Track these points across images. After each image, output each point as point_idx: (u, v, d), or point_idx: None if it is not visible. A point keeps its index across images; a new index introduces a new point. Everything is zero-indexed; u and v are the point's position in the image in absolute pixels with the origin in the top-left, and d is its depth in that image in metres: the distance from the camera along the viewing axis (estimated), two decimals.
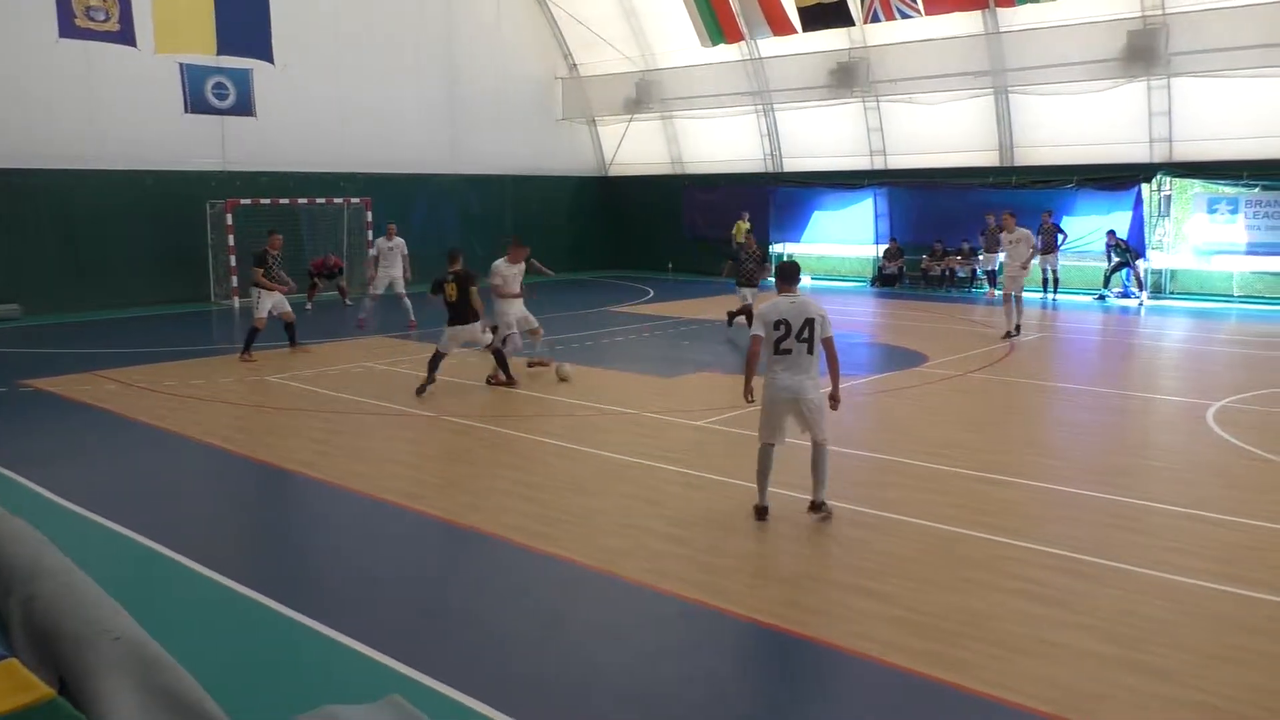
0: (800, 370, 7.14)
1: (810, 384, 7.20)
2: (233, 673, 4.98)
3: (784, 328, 7.09)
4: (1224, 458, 9.12)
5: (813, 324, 7.12)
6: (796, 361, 7.12)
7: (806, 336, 7.10)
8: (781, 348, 7.12)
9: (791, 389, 7.14)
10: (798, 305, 7.17)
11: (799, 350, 7.11)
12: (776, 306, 7.17)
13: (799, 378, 7.14)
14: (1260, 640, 5.27)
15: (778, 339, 7.11)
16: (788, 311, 7.12)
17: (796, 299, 7.24)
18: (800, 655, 5.22)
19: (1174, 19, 20.03)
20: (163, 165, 21.41)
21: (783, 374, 7.15)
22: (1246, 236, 20.57)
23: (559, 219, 29.27)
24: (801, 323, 7.09)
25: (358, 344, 16.24)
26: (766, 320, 7.15)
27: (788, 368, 7.13)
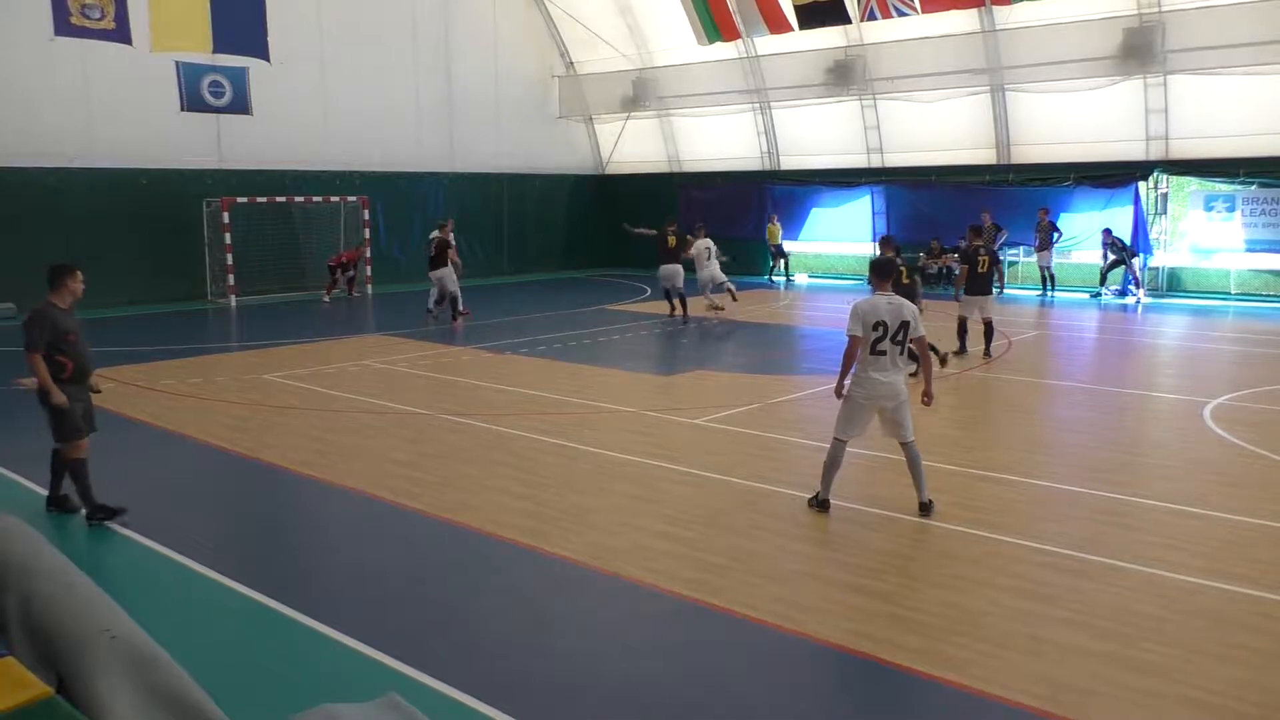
0: (895, 372, 7.32)
1: (902, 384, 7.39)
2: (230, 671, 4.99)
3: (882, 329, 7.24)
4: (1220, 455, 9.15)
5: (907, 326, 7.28)
6: (891, 362, 7.30)
7: (901, 338, 7.27)
8: (878, 348, 7.26)
9: (889, 388, 7.30)
10: (894, 307, 7.31)
11: (893, 352, 7.27)
12: (876, 308, 7.29)
13: (894, 378, 7.31)
14: (1252, 637, 5.29)
15: (875, 340, 7.25)
16: (886, 313, 7.26)
17: (893, 300, 7.37)
18: (796, 653, 5.24)
19: (1170, 16, 20.05)
20: (158, 164, 21.39)
21: (877, 374, 7.30)
22: (1243, 234, 20.60)
23: (556, 217, 29.30)
24: (898, 325, 7.25)
25: (358, 343, 16.24)
26: (866, 321, 7.26)
27: (882, 369, 7.29)
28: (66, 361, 7.18)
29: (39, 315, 7.17)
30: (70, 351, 7.22)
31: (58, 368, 7.14)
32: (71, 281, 7.36)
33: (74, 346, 7.24)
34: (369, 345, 15.86)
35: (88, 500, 7.30)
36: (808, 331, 18.41)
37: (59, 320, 7.19)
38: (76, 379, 7.27)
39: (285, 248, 22.98)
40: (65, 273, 7.36)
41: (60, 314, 7.24)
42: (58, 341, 7.15)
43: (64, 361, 7.18)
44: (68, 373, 7.18)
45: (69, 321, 7.28)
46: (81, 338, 7.37)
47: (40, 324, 7.13)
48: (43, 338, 7.11)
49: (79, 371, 7.28)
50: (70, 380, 7.20)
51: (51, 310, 7.22)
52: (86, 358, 7.39)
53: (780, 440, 9.75)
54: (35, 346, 7.11)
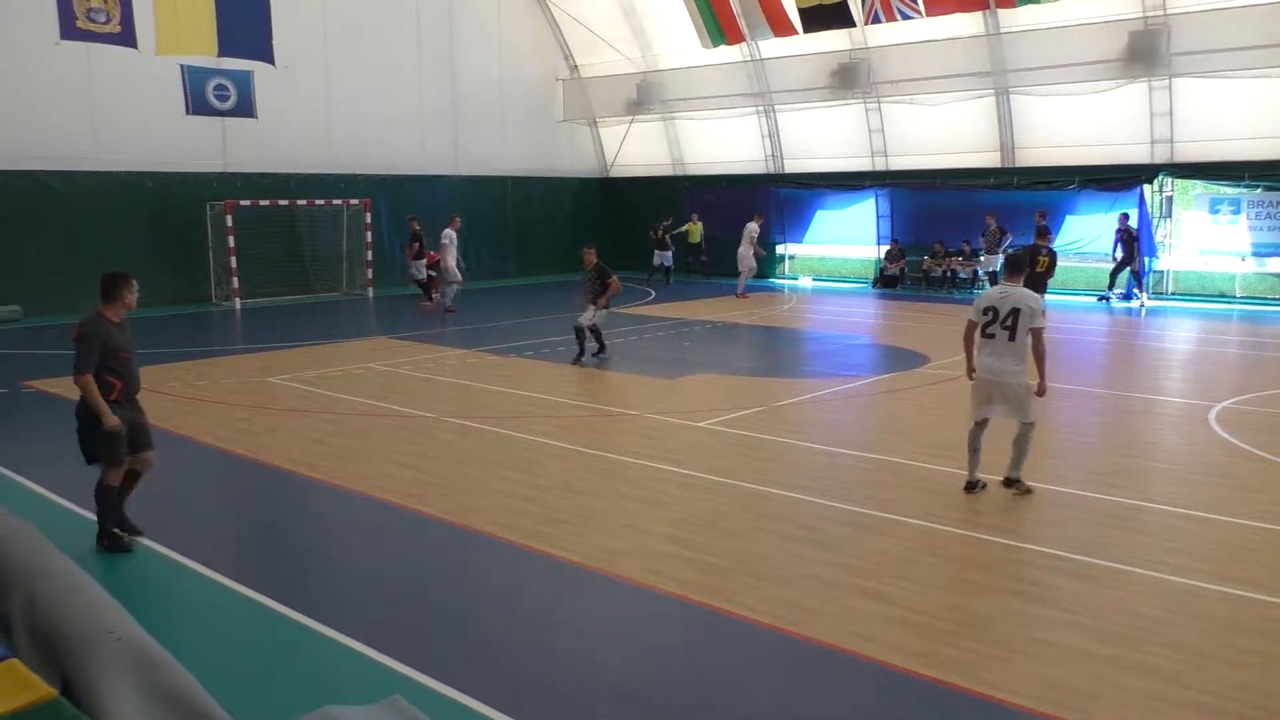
0: (1001, 355, 7.64)
1: (1010, 370, 7.65)
2: (234, 673, 5.00)
3: (991, 314, 7.68)
4: (1225, 458, 9.13)
5: (1018, 314, 7.56)
6: (998, 347, 7.65)
7: (1010, 325, 7.57)
8: (986, 332, 7.72)
9: (993, 371, 7.69)
10: (1009, 296, 7.67)
11: (1001, 337, 7.61)
12: (990, 294, 7.87)
13: (1000, 362, 7.66)
14: (1257, 640, 5.28)
15: (984, 324, 7.72)
16: (996, 300, 7.70)
17: (1009, 291, 7.73)
18: (798, 656, 5.24)
19: (1175, 19, 20.03)
20: (163, 167, 21.43)
21: (986, 357, 7.75)
22: (1248, 237, 20.56)
23: (560, 220, 29.30)
24: (1007, 311, 7.60)
25: (362, 346, 16.26)
26: (978, 306, 7.82)
27: (990, 352, 7.71)
28: (116, 381, 6.63)
29: (91, 331, 6.54)
30: (121, 370, 6.67)
31: (106, 387, 6.59)
32: (127, 292, 6.77)
33: (125, 364, 6.70)
34: (372, 348, 15.87)
35: (104, 523, 6.87)
36: (812, 335, 18.40)
37: (111, 336, 6.62)
38: (124, 399, 6.73)
39: (289, 250, 23.02)
40: (120, 282, 6.75)
41: (113, 329, 6.67)
42: (109, 359, 6.59)
43: (113, 381, 6.63)
44: (115, 393, 6.63)
45: (121, 337, 6.71)
46: (132, 353, 6.83)
47: (92, 341, 6.51)
48: (94, 356, 6.50)
49: (127, 391, 6.76)
50: (117, 400, 6.65)
51: (104, 325, 6.64)
52: (136, 376, 6.89)
53: (783, 444, 9.74)
54: (87, 367, 6.48)
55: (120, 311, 6.74)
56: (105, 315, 6.67)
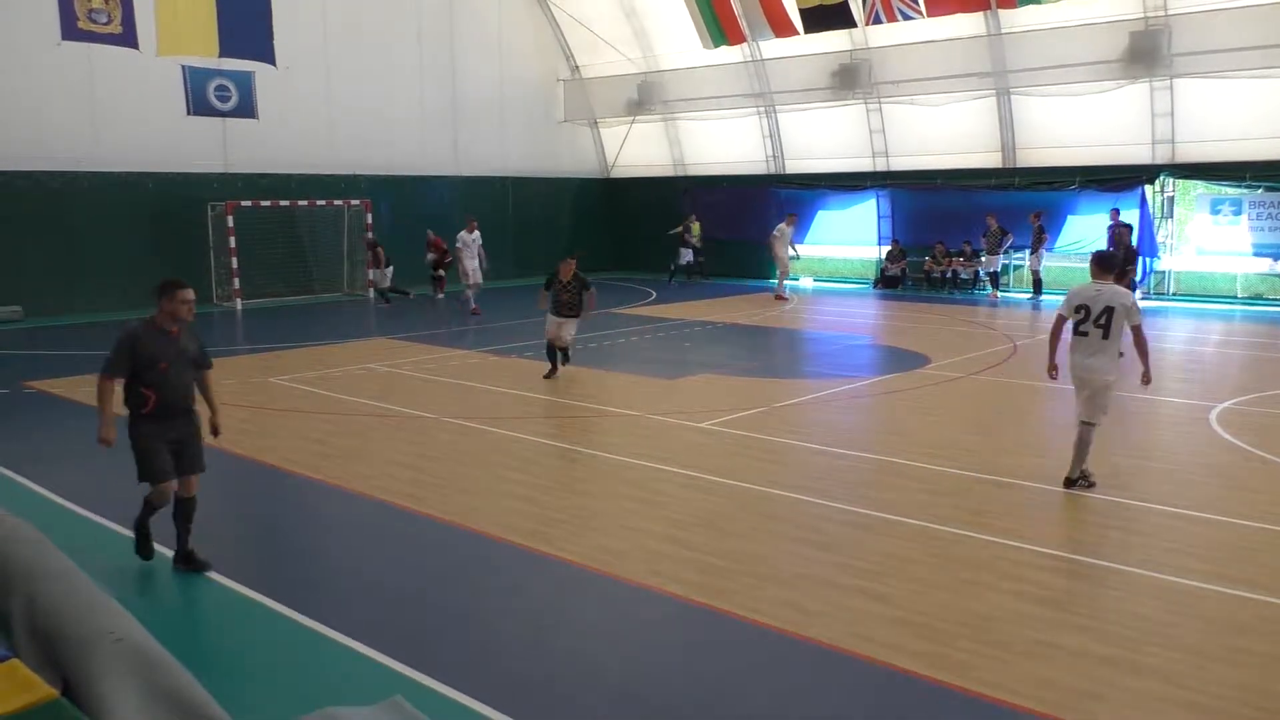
0: (1095, 353, 7.73)
1: (1100, 368, 7.76)
2: (234, 673, 5.00)
3: (1084, 312, 7.76)
4: (1226, 459, 9.13)
5: (1112, 312, 7.64)
6: (1091, 344, 7.74)
7: (1104, 322, 7.65)
8: (1079, 330, 7.79)
9: (1085, 368, 7.79)
10: (1103, 294, 7.75)
11: (1095, 335, 7.69)
12: (1081, 292, 7.88)
13: (1093, 359, 7.76)
14: (1257, 641, 5.28)
15: (1077, 321, 7.79)
16: (1090, 298, 7.76)
17: (1103, 288, 7.81)
18: (799, 656, 5.24)
19: (1176, 20, 20.03)
20: (164, 167, 21.44)
21: (1078, 354, 7.86)
22: (1250, 238, 20.55)
23: (561, 221, 29.30)
24: (1101, 309, 7.67)
25: (362, 346, 16.27)
26: (1070, 303, 7.87)
27: (1083, 349, 7.79)
28: (149, 393, 6.17)
29: (126, 338, 6.16)
30: (156, 382, 6.17)
31: (139, 399, 6.17)
32: (167, 302, 6.22)
33: (163, 377, 6.18)
34: (373, 348, 15.88)
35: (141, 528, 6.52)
36: (813, 335, 18.40)
37: (151, 345, 6.15)
38: (160, 414, 6.22)
39: (290, 251, 23.04)
40: (170, 290, 6.25)
41: (156, 337, 6.21)
42: (143, 369, 6.13)
43: (146, 393, 6.17)
44: (149, 406, 6.17)
45: (165, 347, 6.20)
46: (180, 366, 6.29)
47: (123, 347, 6.13)
48: (122, 363, 6.11)
49: (163, 406, 6.22)
50: (151, 415, 6.19)
51: (145, 332, 6.21)
52: (177, 390, 6.30)
53: (784, 444, 9.74)
54: (107, 369, 6.14)
55: (168, 320, 6.26)
56: (154, 322, 6.27)
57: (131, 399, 6.25)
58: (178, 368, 6.26)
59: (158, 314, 6.28)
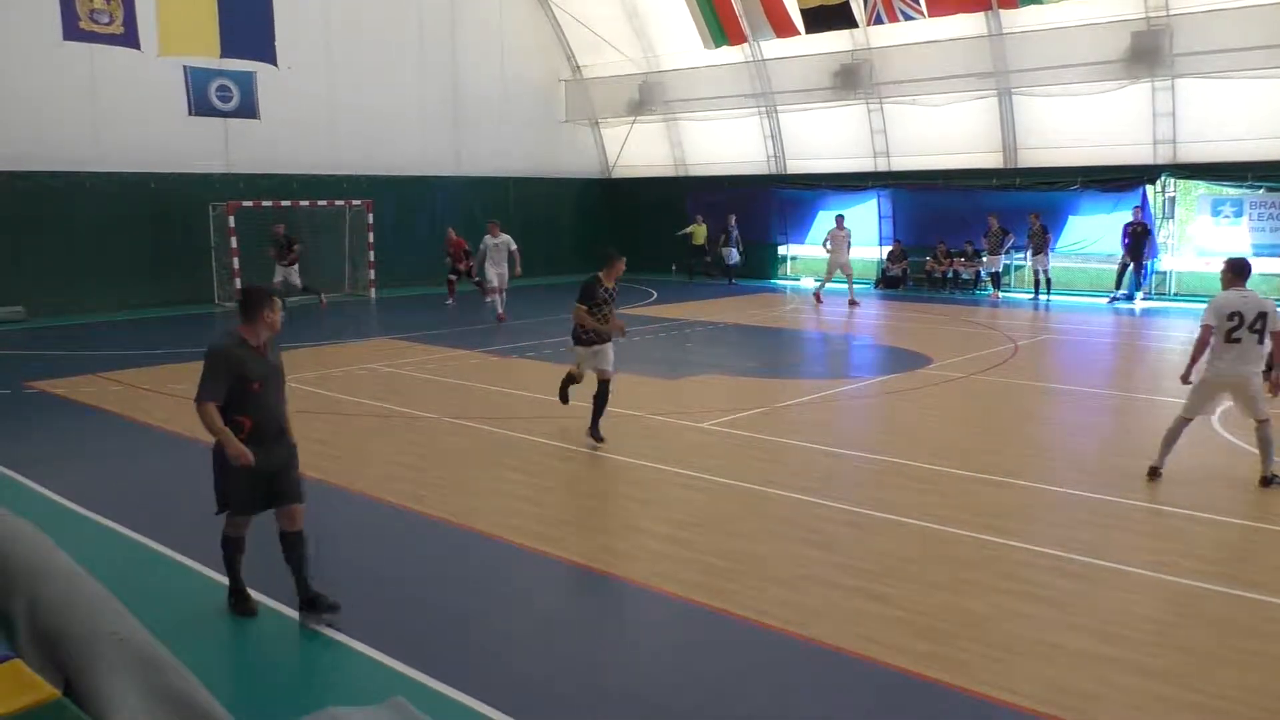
0: (1247, 359, 7.83)
1: (1253, 371, 7.87)
2: (236, 674, 5.01)
3: (1237, 319, 7.83)
4: (1227, 459, 9.12)
5: (1265, 317, 7.75)
6: (1246, 350, 7.84)
7: (1259, 328, 7.75)
8: (1233, 337, 7.84)
9: (1238, 374, 7.88)
10: (1250, 300, 7.89)
11: (1249, 340, 7.78)
12: (1229, 299, 7.93)
13: (1246, 365, 7.86)
14: (1260, 642, 5.28)
15: (1230, 329, 7.83)
16: (1240, 305, 7.86)
17: (1247, 294, 7.96)
18: (800, 656, 5.24)
19: (1178, 20, 20.01)
20: (166, 168, 21.45)
21: (1227, 361, 7.89)
22: (1251, 238, 20.53)
23: (562, 221, 29.31)
24: (1254, 315, 7.77)
25: (364, 347, 16.27)
26: (1220, 311, 7.89)
27: (1234, 356, 7.86)
28: (244, 419, 5.50)
29: (219, 356, 5.49)
30: (252, 405, 5.53)
31: (233, 427, 5.47)
32: (269, 312, 5.61)
33: (258, 399, 5.56)
34: (375, 349, 15.89)
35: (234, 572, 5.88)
36: (814, 335, 18.40)
37: (245, 363, 5.50)
38: (255, 440, 5.52)
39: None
40: (263, 301, 5.63)
41: (249, 354, 5.54)
42: (237, 390, 5.49)
43: (241, 420, 5.49)
44: (243, 433, 5.49)
45: (258, 364, 5.57)
46: (273, 384, 5.67)
47: (218, 367, 5.46)
48: (220, 384, 5.44)
49: (259, 432, 5.56)
50: (248, 442, 5.48)
51: (238, 349, 5.53)
52: (272, 411, 5.66)
53: (786, 444, 9.73)
54: (205, 394, 5.43)
55: (262, 333, 5.61)
56: (243, 337, 5.57)
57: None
58: (271, 386, 5.65)
59: (248, 327, 5.60)
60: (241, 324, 5.60)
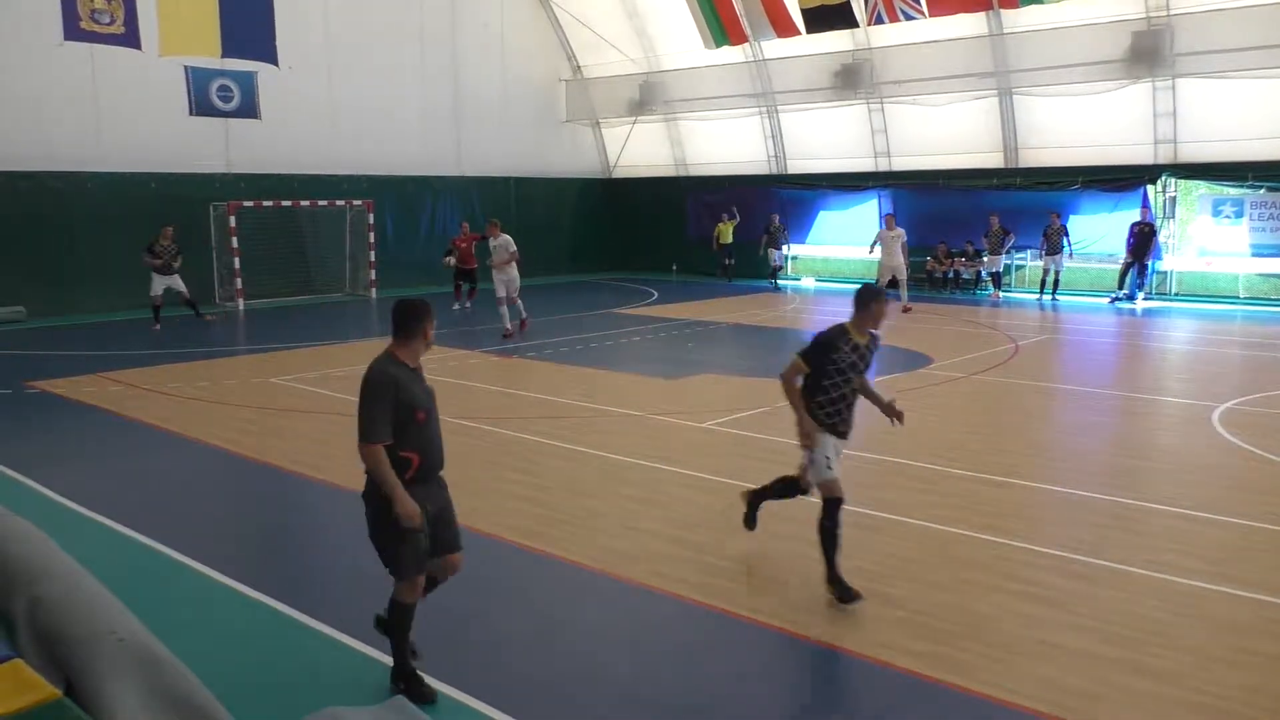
0: None
1: None
2: (237, 674, 5.00)
3: None
4: (1228, 459, 9.12)
5: None
6: None
7: None
8: None
9: None
10: None
11: None
12: None
13: None
14: (1261, 641, 5.27)
15: None
16: None
17: None
18: (802, 657, 5.24)
19: (1178, 20, 20.01)
20: (167, 168, 21.47)
21: None
22: (1251, 238, 20.53)
23: (563, 221, 29.32)
24: None
25: (365, 347, 16.27)
26: None
27: None
28: (411, 455, 4.66)
29: (383, 382, 4.62)
30: (417, 439, 4.68)
31: (398, 465, 4.63)
32: (430, 328, 4.80)
33: (423, 431, 4.70)
34: (376, 349, 15.76)
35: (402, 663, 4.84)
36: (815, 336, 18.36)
37: (409, 390, 4.65)
38: (421, 479, 4.73)
39: (293, 251, 23.06)
40: (423, 315, 4.75)
41: (410, 378, 4.70)
42: (403, 423, 4.62)
43: (407, 456, 4.65)
44: (410, 471, 4.67)
45: (419, 389, 4.73)
46: (435, 412, 4.82)
47: (383, 396, 4.58)
48: (386, 421, 4.58)
49: (426, 469, 4.76)
50: (412, 481, 4.67)
51: (398, 372, 4.68)
52: (436, 444, 4.83)
53: (787, 444, 9.68)
54: (374, 433, 4.57)
55: (419, 353, 4.81)
56: (399, 358, 4.74)
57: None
58: (434, 415, 4.81)
59: (404, 345, 4.74)
60: (395, 343, 4.73)
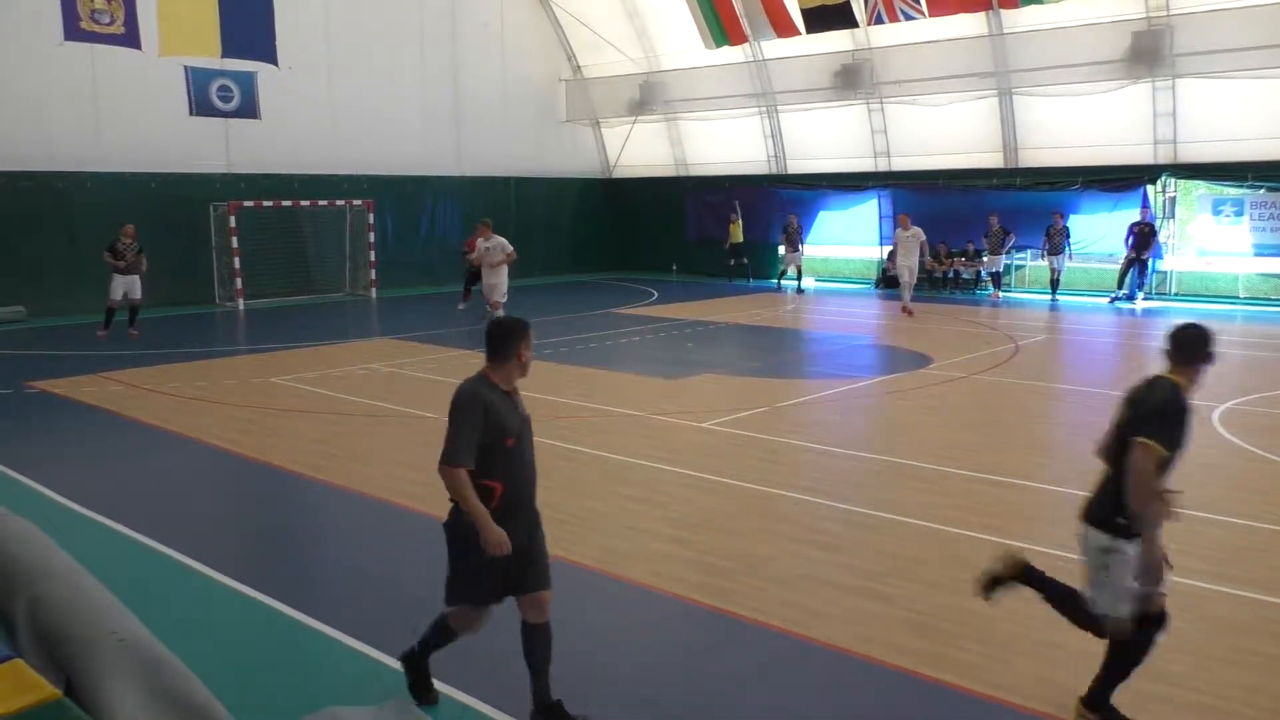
0: None
1: None
2: (237, 674, 5.00)
3: None
4: (1228, 459, 9.12)
5: None
6: None
7: None
8: None
9: None
10: None
11: None
12: None
13: None
14: (1262, 642, 5.28)
15: None
16: None
17: None
18: (802, 656, 5.23)
19: (1178, 20, 20.01)
20: (167, 168, 21.47)
21: None
22: (1251, 238, 20.53)
23: (563, 221, 29.33)
24: None
25: (365, 347, 16.27)
26: None
27: None
28: (495, 484, 4.37)
29: (472, 403, 4.33)
30: (504, 466, 4.39)
31: (481, 493, 4.34)
32: (524, 348, 4.46)
33: (512, 458, 4.41)
34: (376, 349, 15.89)
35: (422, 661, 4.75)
36: (816, 335, 18.40)
37: (499, 414, 4.36)
38: (507, 511, 4.41)
39: (292, 251, 23.06)
40: (516, 337, 4.46)
41: (502, 402, 4.40)
42: (490, 448, 4.34)
43: (492, 485, 4.35)
44: (495, 501, 4.36)
45: (511, 414, 4.42)
46: (528, 439, 4.53)
47: (471, 418, 4.31)
48: (472, 441, 4.30)
49: (512, 500, 4.44)
50: (496, 514, 4.35)
51: (490, 394, 4.38)
52: (527, 473, 4.55)
53: (788, 444, 9.73)
54: (457, 456, 4.29)
55: (514, 376, 4.50)
56: (491, 380, 4.44)
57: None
58: (526, 442, 4.52)
59: (499, 368, 4.46)
60: (488, 364, 4.45)
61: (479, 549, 4.31)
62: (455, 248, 21.57)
